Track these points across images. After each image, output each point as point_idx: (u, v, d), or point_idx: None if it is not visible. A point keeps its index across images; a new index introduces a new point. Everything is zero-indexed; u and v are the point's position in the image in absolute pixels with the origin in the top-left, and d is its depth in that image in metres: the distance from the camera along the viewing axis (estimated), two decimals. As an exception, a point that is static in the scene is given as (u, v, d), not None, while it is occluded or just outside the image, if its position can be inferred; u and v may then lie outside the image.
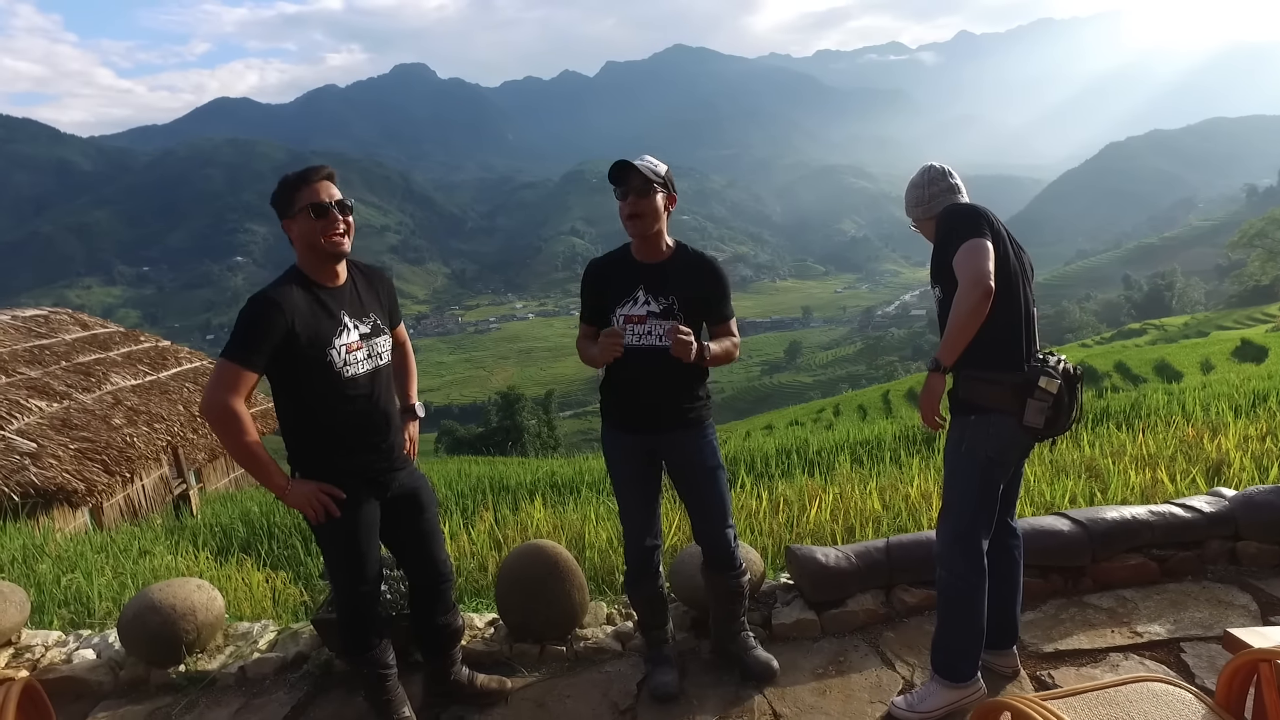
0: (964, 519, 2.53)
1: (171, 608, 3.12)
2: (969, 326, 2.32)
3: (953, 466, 2.55)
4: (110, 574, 5.31)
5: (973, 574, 2.51)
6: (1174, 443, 5.80)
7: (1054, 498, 4.59)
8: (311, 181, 2.40)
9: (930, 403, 2.44)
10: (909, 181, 2.72)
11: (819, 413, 34.69)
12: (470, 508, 7.19)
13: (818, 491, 5.38)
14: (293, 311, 2.32)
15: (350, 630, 2.61)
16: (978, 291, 2.28)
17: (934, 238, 2.57)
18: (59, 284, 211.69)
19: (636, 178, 2.57)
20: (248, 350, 2.26)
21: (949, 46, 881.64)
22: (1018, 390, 2.41)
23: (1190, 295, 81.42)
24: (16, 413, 10.05)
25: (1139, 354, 34.17)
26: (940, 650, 2.59)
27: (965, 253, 2.34)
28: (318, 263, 2.44)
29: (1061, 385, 2.40)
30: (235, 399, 2.25)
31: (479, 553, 4.79)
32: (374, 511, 2.54)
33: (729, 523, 2.79)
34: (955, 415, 2.55)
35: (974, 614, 2.52)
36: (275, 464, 2.36)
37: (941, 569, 2.58)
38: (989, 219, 2.43)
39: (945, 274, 2.45)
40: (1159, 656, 2.77)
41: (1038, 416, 2.39)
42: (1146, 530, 3.32)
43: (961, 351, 2.37)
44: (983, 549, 2.53)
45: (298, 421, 2.46)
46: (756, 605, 3.27)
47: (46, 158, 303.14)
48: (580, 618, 3.23)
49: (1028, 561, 3.27)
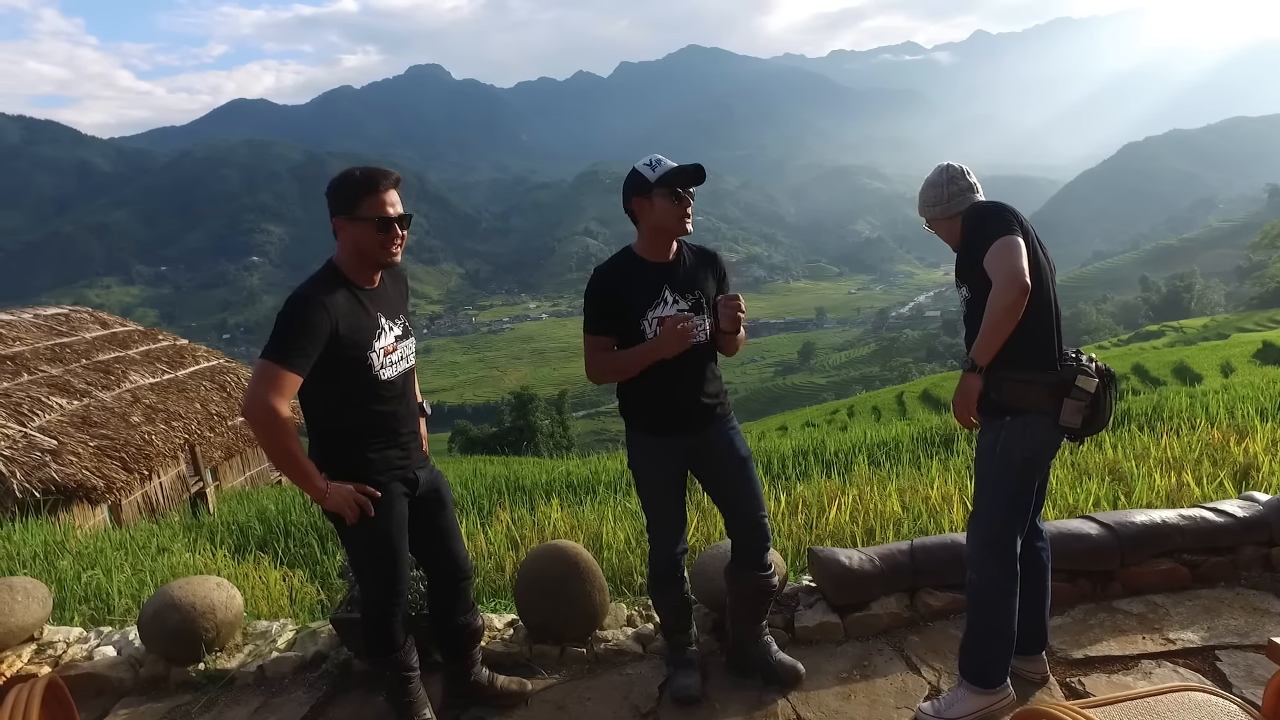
0: (997, 522, 2.49)
1: (191, 605, 3.12)
2: (1005, 325, 2.28)
3: (986, 469, 2.50)
4: (129, 571, 5.34)
5: (1005, 578, 2.47)
6: (1199, 446, 5.70)
7: (1077, 500, 4.52)
8: (379, 190, 2.34)
9: (967, 403, 2.42)
10: (925, 181, 2.66)
11: (833, 414, 34.54)
12: (487, 507, 7.18)
13: (836, 493, 5.33)
14: (336, 313, 2.27)
15: (376, 631, 2.59)
16: (1014, 289, 2.24)
17: (958, 236, 2.55)
18: (79, 283, 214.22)
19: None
20: (292, 352, 2.19)
21: (964, 46, 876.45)
22: (1054, 390, 2.36)
23: (1209, 297, 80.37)
24: (38, 410, 10.14)
25: (1157, 356, 33.78)
26: (970, 655, 2.54)
27: (999, 250, 2.30)
28: (362, 268, 2.40)
29: (1099, 384, 2.36)
30: (278, 401, 2.17)
31: (496, 553, 4.78)
32: (405, 510, 2.53)
33: (765, 511, 2.77)
34: (988, 417, 2.50)
35: (1006, 618, 2.47)
36: (315, 467, 2.33)
37: (973, 572, 2.53)
38: (1017, 216, 2.40)
39: (974, 273, 2.41)
40: (1194, 664, 2.71)
41: (1075, 416, 2.35)
42: (1177, 535, 3.25)
43: (997, 351, 2.33)
44: (1016, 552, 2.49)
45: (329, 422, 2.42)
46: (779, 608, 3.23)
47: (68, 159, 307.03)
48: (601, 619, 3.20)
49: (1055, 565, 3.22)
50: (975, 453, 2.58)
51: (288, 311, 2.24)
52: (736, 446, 2.71)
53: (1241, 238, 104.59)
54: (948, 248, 2.64)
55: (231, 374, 14.85)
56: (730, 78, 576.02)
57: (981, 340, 2.31)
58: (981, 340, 2.31)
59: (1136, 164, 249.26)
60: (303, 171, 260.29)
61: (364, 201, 2.32)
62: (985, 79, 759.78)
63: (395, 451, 2.48)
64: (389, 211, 2.34)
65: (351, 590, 3.21)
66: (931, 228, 2.67)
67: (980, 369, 2.36)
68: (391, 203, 2.36)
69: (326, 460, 2.42)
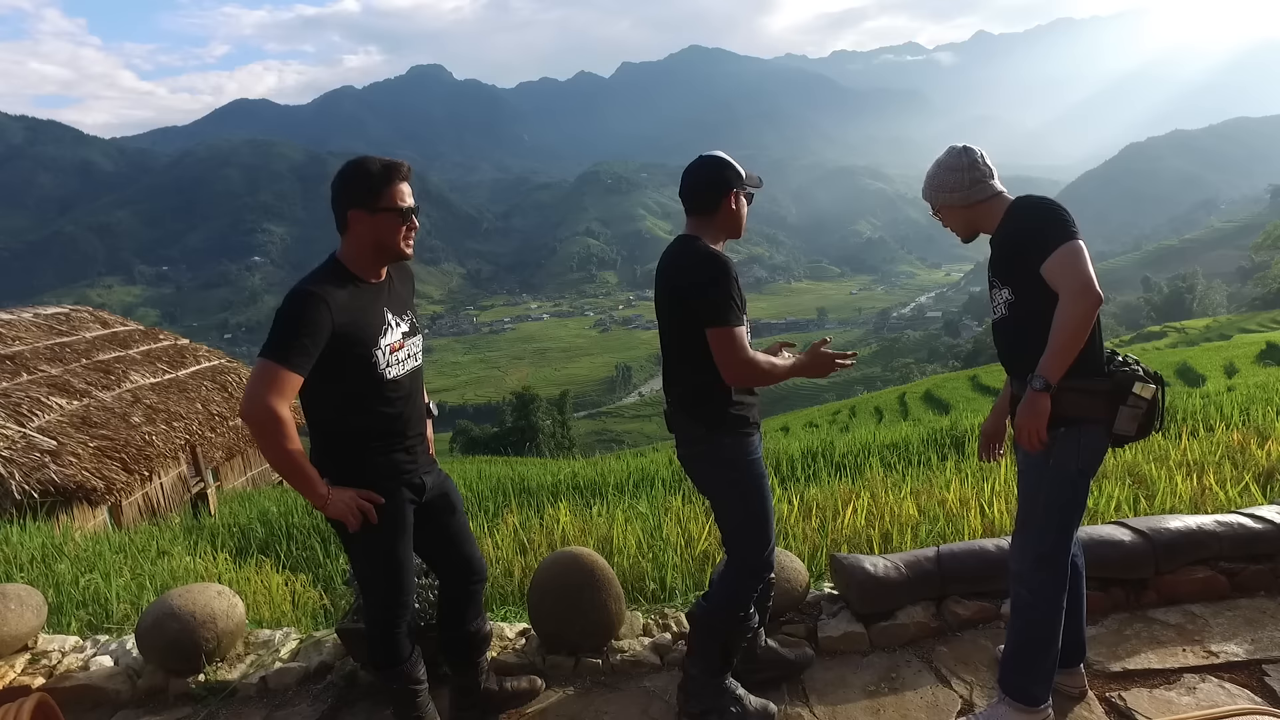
0: (1049, 537, 2.35)
1: (191, 615, 3.00)
2: (1080, 339, 2.14)
3: (1037, 482, 2.35)
4: (128, 575, 5.23)
5: (1057, 594, 2.35)
6: (1219, 448, 5.58)
7: (1097, 505, 4.40)
8: (397, 181, 2.26)
9: (1038, 425, 2.22)
10: (938, 163, 2.45)
11: (834, 414, 34.39)
12: (493, 510, 7.06)
13: (849, 496, 5.21)
14: (338, 308, 2.15)
15: (382, 643, 2.48)
16: (1088, 300, 2.11)
17: (975, 225, 2.41)
18: (81, 283, 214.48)
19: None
20: (291, 350, 2.07)
21: (966, 47, 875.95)
22: (1111, 398, 2.24)
23: (1212, 298, 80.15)
24: (37, 410, 10.03)
25: (1159, 357, 33.62)
26: (1013, 672, 2.41)
27: (1067, 257, 2.14)
28: (375, 260, 2.31)
29: (1155, 389, 2.24)
30: (278, 402, 2.05)
31: (504, 558, 4.66)
32: (410, 518, 2.41)
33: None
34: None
35: (1054, 635, 2.36)
36: (316, 473, 2.21)
37: (1022, 589, 2.40)
38: (1070, 214, 2.23)
39: (1021, 275, 2.26)
40: (1239, 679, 2.58)
41: (1130, 424, 2.23)
42: (1214, 541, 3.13)
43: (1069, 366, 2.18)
44: (1067, 565, 2.37)
45: (332, 424, 2.30)
46: (801, 616, 3.12)
47: (70, 159, 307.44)
48: (617, 629, 3.09)
49: (1087, 574, 3.11)
50: (1019, 463, 2.43)
51: (286, 308, 2.12)
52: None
53: (1244, 238, 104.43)
54: (950, 248, 2.52)
55: (233, 374, 14.74)
56: (732, 78, 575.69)
57: (1054, 356, 2.15)
58: (1054, 356, 2.15)
59: (1138, 165, 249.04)
60: (304, 171, 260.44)
61: (385, 192, 2.24)
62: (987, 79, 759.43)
63: (401, 455, 2.36)
64: (409, 202, 2.29)
65: (357, 599, 3.09)
66: (940, 214, 2.46)
67: (1052, 388, 2.19)
68: (408, 193, 2.30)
69: (329, 464, 2.31)
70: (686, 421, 2.48)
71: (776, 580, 3.05)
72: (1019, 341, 2.34)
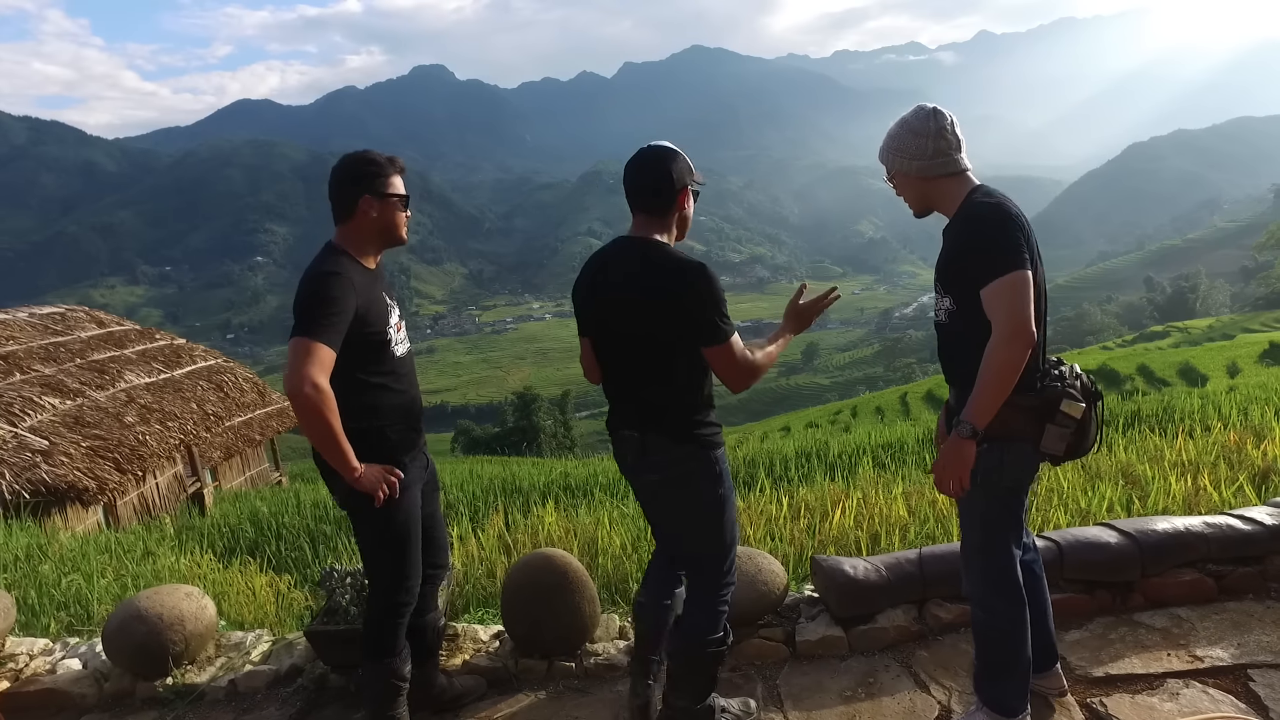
0: (990, 554, 2.25)
1: (159, 617, 2.96)
2: (1009, 382, 2.01)
3: (968, 501, 2.23)
4: (111, 575, 5.19)
5: (1013, 608, 2.25)
6: (1215, 448, 5.52)
7: (1090, 505, 4.35)
8: (398, 172, 2.44)
9: (961, 473, 2.09)
10: (902, 123, 2.20)
11: (836, 414, 34.34)
12: (481, 510, 7.02)
13: (840, 496, 5.16)
14: (358, 289, 2.28)
15: (382, 632, 2.47)
16: (1020, 344, 1.99)
17: (929, 201, 2.22)
18: (84, 283, 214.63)
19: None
20: (326, 327, 2.16)
21: (968, 46, 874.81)
22: (1036, 414, 2.10)
23: (1215, 298, 79.88)
24: (30, 410, 10.00)
25: (1162, 357, 33.54)
26: (988, 686, 2.32)
27: (1008, 290, 1.99)
28: (378, 246, 2.45)
29: (1086, 408, 2.09)
30: (321, 376, 2.12)
31: (488, 558, 4.61)
32: (420, 497, 2.50)
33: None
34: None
35: (1019, 648, 2.26)
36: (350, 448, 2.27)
37: (977, 609, 2.31)
38: (1024, 230, 2.06)
39: (963, 288, 2.12)
40: (1224, 684, 2.52)
41: (1058, 443, 2.09)
42: (1201, 543, 3.07)
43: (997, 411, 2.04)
44: (1018, 579, 2.26)
45: (350, 404, 2.31)
46: (779, 620, 3.06)
47: (73, 159, 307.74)
48: (591, 632, 3.03)
49: (1072, 576, 3.06)
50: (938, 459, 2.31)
51: (314, 288, 2.21)
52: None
53: (1247, 238, 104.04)
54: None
55: (229, 374, 14.72)
56: (734, 78, 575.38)
57: (981, 399, 2.03)
58: (981, 399, 2.03)
59: (1141, 164, 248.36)
60: (307, 172, 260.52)
61: (392, 181, 2.40)
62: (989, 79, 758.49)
63: (413, 434, 2.48)
64: (405, 190, 2.47)
65: (330, 600, 3.05)
66: (895, 181, 2.25)
67: (979, 434, 2.06)
68: (403, 184, 2.48)
69: (351, 441, 2.35)
70: (667, 443, 2.27)
71: (754, 583, 3.01)
72: (958, 352, 2.21)
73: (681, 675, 2.40)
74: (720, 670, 2.46)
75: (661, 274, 2.17)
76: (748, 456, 8.92)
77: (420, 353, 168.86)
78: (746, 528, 4.55)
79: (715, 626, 2.35)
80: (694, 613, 2.38)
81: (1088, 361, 34.00)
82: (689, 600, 2.42)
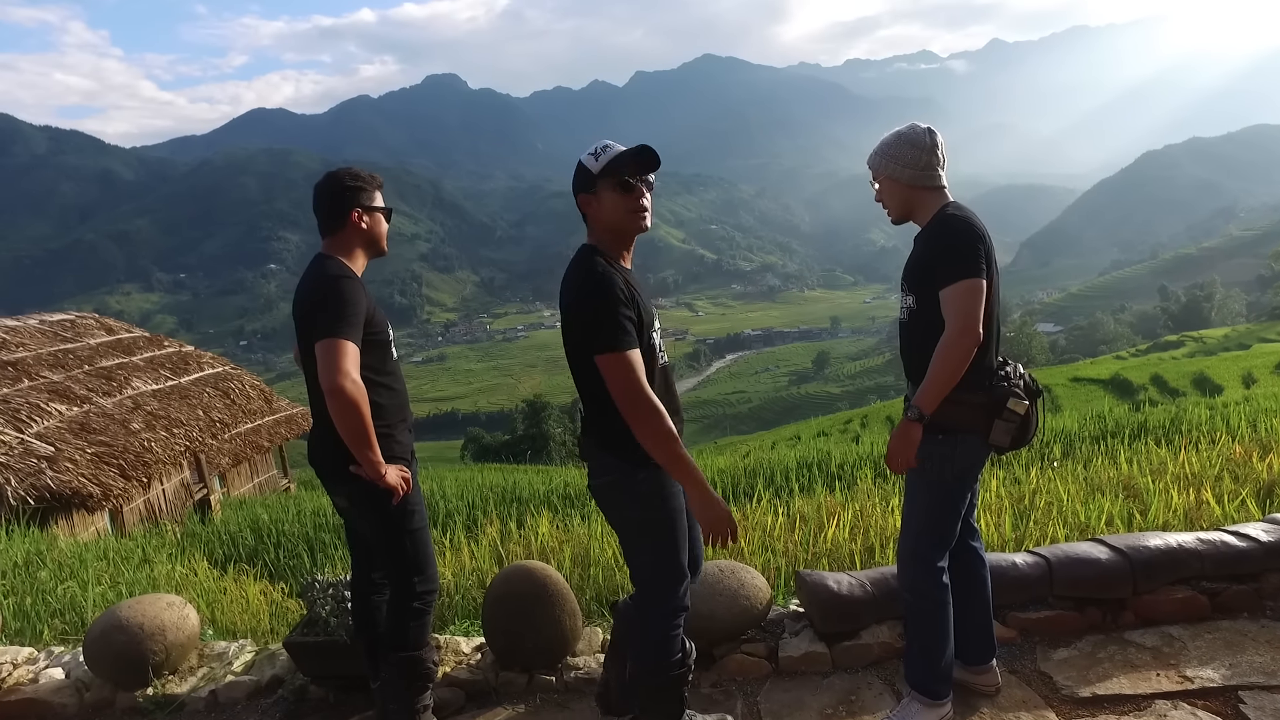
0: (925, 539, 2.45)
1: (139, 626, 2.95)
2: (956, 374, 2.24)
3: (914, 487, 2.47)
4: (107, 583, 5.20)
5: (937, 590, 2.43)
6: (1219, 461, 5.43)
7: (1089, 519, 4.28)
8: (379, 188, 2.56)
9: (908, 453, 2.33)
10: (898, 135, 2.40)
11: (846, 423, 34.14)
12: (478, 519, 7.00)
13: (836, 508, 5.11)
14: (368, 296, 2.41)
15: (412, 624, 2.52)
16: (968, 340, 2.21)
17: (908, 211, 2.41)
18: (100, 290, 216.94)
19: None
20: (353, 326, 2.27)
21: (981, 55, 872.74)
22: (986, 411, 2.32)
23: (1230, 307, 78.98)
24: (36, 416, 10.08)
25: (1176, 366, 33.18)
26: (914, 670, 2.49)
27: (962, 294, 2.23)
28: (367, 255, 2.55)
29: (1028, 405, 2.34)
30: (356, 373, 2.23)
31: (479, 568, 4.59)
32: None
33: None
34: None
35: (943, 633, 2.44)
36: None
37: (905, 591, 2.51)
38: (985, 242, 2.29)
39: (924, 289, 2.34)
40: (1214, 706, 2.46)
41: (1004, 437, 2.33)
42: (1195, 560, 3.01)
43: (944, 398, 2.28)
44: (944, 566, 2.46)
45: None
46: (762, 635, 3.02)
47: (92, 168, 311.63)
48: (572, 645, 3.00)
49: (1062, 593, 3.01)
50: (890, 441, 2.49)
51: (334, 289, 2.31)
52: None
53: (1263, 246, 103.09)
54: None
55: (236, 381, 14.80)
56: (745, 86, 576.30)
57: (929, 388, 2.26)
58: (929, 388, 2.26)
59: (1155, 172, 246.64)
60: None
61: (375, 194, 2.53)
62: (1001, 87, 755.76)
63: (410, 434, 2.57)
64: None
65: (310, 611, 3.03)
66: (880, 184, 2.44)
67: (926, 418, 2.29)
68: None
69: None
70: (590, 448, 2.25)
71: (737, 597, 2.97)
72: (914, 348, 2.42)
73: (646, 702, 2.37)
74: (687, 689, 2.39)
75: (564, 285, 2.19)
76: (750, 466, 8.87)
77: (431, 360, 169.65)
78: (741, 539, 4.51)
79: (664, 653, 2.26)
80: (640, 640, 2.31)
81: (1101, 371, 33.71)
82: (634, 624, 2.35)
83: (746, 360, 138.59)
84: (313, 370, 2.32)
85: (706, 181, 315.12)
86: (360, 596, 2.68)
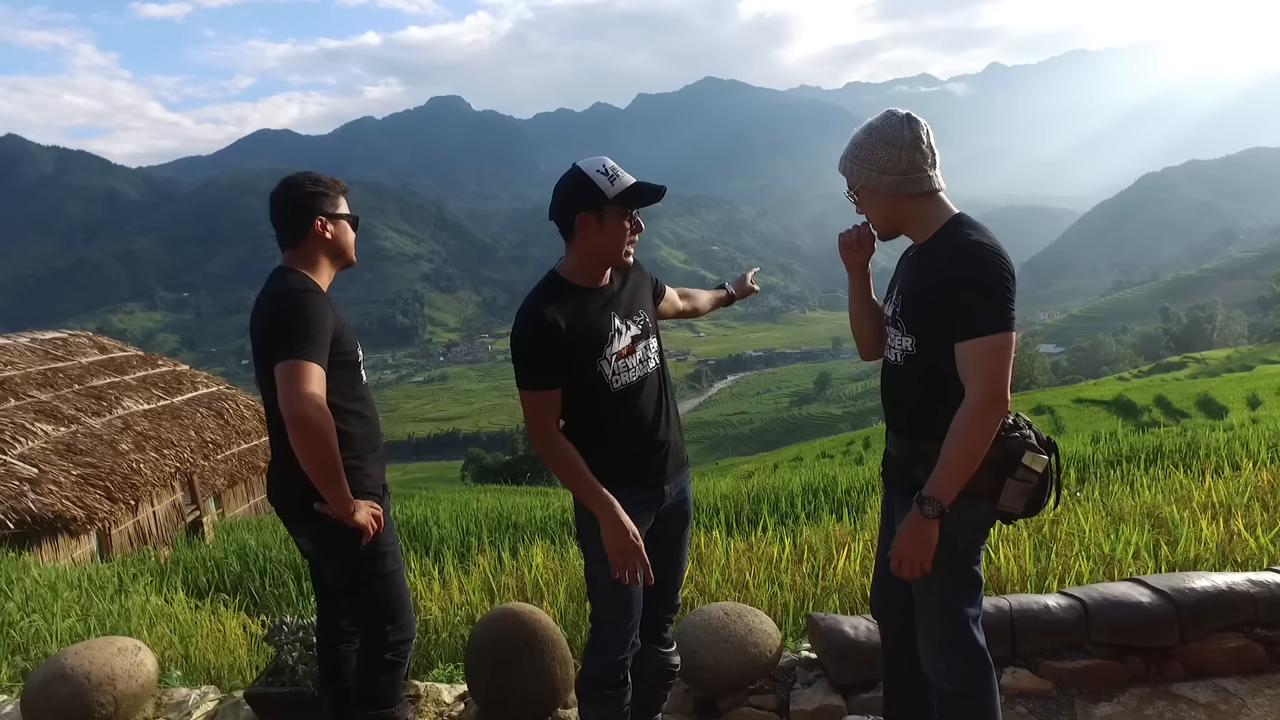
0: (951, 619, 1.96)
1: (85, 676, 2.68)
2: (979, 454, 1.78)
3: (925, 576, 1.93)
4: (77, 614, 4.92)
5: (980, 673, 1.97)
6: (1247, 489, 5.16)
7: (1114, 550, 4.00)
8: (343, 193, 2.33)
9: (924, 557, 1.84)
10: (872, 130, 1.91)
11: (849, 445, 33.78)
12: (471, 547, 6.73)
13: (846, 538, 4.84)
14: (334, 310, 2.18)
15: (383, 678, 2.27)
16: (997, 413, 1.77)
17: (924, 249, 1.96)
18: (103, 308, 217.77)
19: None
20: (318, 346, 2.03)
21: (980, 78, 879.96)
22: (996, 469, 1.84)
23: (1232, 328, 78.84)
24: (21, 437, 9.82)
25: (1180, 388, 32.91)
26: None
27: (993, 352, 1.76)
28: (333, 267, 2.31)
29: (1048, 461, 1.87)
30: (321, 398, 1.99)
31: (469, 602, 4.31)
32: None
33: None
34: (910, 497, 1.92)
35: (993, 714, 1.99)
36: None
37: (942, 681, 2.00)
38: (1014, 282, 1.83)
39: (932, 335, 1.87)
40: (1283, 776, 2.20)
41: (1018, 500, 1.86)
42: (1248, 604, 2.74)
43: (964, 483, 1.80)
44: (982, 641, 1.98)
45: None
46: (772, 685, 2.75)
47: (98, 188, 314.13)
48: (563, 695, 2.74)
49: (1100, 639, 2.74)
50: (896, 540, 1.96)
51: (293, 305, 2.07)
52: (690, 494, 2.31)
53: (1264, 268, 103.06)
54: None
55: (229, 400, 14.54)
56: (747, 109, 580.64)
57: (949, 473, 1.78)
58: (949, 473, 1.78)
59: (1155, 194, 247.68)
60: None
61: (338, 200, 2.30)
62: (1001, 110, 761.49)
63: (379, 467, 2.33)
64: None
65: (277, 658, 2.77)
66: (858, 196, 1.98)
67: (946, 512, 1.81)
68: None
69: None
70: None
71: (744, 645, 2.71)
72: (909, 401, 1.97)
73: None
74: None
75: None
76: (753, 491, 8.60)
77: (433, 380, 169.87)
78: (746, 572, 4.25)
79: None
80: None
81: (1104, 392, 33.44)
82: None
83: (748, 381, 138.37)
84: (272, 396, 2.05)
85: (708, 203, 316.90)
86: (327, 646, 2.42)
